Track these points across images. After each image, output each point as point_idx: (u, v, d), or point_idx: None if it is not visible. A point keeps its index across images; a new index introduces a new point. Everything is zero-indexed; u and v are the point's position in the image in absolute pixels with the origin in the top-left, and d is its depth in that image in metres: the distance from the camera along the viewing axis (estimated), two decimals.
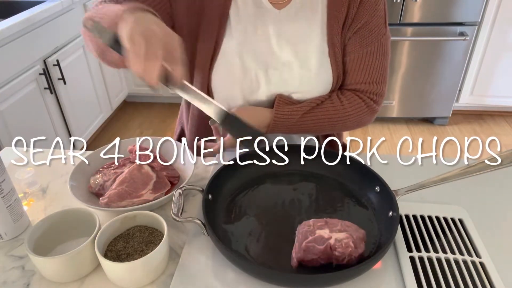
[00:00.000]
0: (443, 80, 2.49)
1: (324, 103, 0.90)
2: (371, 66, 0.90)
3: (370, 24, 0.87)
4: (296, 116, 0.88)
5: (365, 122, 0.95)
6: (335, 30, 0.87)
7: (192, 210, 0.78)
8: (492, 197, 0.80)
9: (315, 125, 0.91)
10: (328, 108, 0.90)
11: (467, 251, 0.66)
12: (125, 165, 0.84)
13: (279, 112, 0.88)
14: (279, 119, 0.88)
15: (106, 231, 0.65)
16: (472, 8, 2.27)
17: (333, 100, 0.91)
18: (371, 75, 0.91)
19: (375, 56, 0.89)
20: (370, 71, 0.90)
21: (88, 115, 2.39)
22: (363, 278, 0.62)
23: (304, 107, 0.89)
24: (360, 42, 0.88)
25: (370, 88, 0.92)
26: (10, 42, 1.72)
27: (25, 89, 1.83)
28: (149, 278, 0.62)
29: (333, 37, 0.87)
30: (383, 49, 0.90)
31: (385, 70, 0.92)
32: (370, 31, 0.87)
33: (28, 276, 0.65)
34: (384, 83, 0.93)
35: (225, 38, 0.87)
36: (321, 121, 0.90)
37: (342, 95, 0.91)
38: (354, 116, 0.92)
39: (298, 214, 0.74)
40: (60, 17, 2.06)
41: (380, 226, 0.70)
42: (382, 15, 0.88)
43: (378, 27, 0.88)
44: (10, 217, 0.70)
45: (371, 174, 0.76)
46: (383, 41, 0.89)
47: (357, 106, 0.91)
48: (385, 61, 0.91)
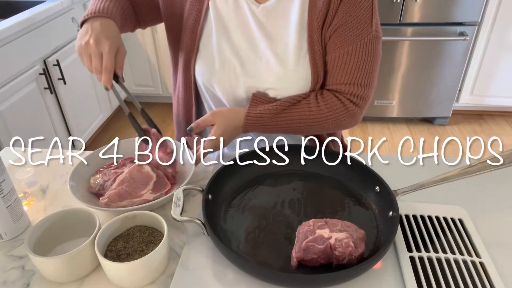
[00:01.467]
0: (443, 80, 2.49)
1: (300, 102, 0.88)
2: (352, 66, 0.85)
3: (352, 23, 0.83)
4: (268, 116, 0.87)
5: (345, 125, 0.91)
6: (315, 27, 0.85)
7: (192, 210, 0.78)
8: (492, 197, 0.80)
9: (290, 125, 0.88)
10: (303, 108, 0.87)
11: (467, 251, 0.66)
12: (125, 165, 0.84)
13: (251, 112, 0.87)
14: (251, 118, 0.87)
15: (106, 231, 0.65)
16: (472, 8, 2.27)
17: (309, 101, 0.88)
18: (353, 76, 0.86)
19: (357, 56, 0.85)
20: (351, 71, 0.86)
21: (88, 115, 2.39)
22: (363, 278, 0.62)
23: (277, 107, 0.87)
24: (342, 41, 0.85)
25: (350, 89, 0.87)
26: (10, 42, 1.72)
27: (25, 89, 1.83)
28: (149, 278, 0.62)
29: (313, 34, 0.85)
30: (368, 49, 0.85)
31: (370, 72, 0.87)
32: (352, 30, 0.84)
33: (28, 276, 0.65)
34: (368, 86, 0.88)
35: (204, 32, 0.90)
36: (296, 122, 0.88)
37: (321, 96, 0.88)
38: (331, 119, 0.88)
39: (298, 214, 0.74)
40: (60, 17, 2.06)
41: (380, 226, 0.70)
42: (368, 14, 0.84)
43: (362, 26, 0.84)
44: (10, 217, 0.70)
45: (371, 174, 0.76)
46: (367, 41, 0.85)
47: (335, 108, 0.87)
48: (370, 63, 0.86)
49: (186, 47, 0.93)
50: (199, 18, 0.90)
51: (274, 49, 0.88)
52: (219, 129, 0.85)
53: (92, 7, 0.86)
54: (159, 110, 2.96)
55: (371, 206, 0.75)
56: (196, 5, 0.89)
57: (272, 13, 0.87)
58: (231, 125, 0.87)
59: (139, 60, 2.71)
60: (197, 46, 0.92)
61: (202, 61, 0.92)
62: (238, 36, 0.89)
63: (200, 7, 0.89)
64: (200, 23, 0.90)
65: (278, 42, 0.88)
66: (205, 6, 0.89)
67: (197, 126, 0.87)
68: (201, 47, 0.92)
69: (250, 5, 0.87)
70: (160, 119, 2.85)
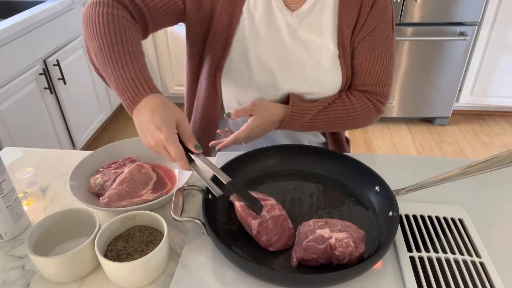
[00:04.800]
0: (443, 80, 2.50)
1: (335, 102, 0.92)
2: (378, 69, 0.92)
3: (379, 29, 0.88)
4: (310, 114, 0.90)
5: (371, 121, 0.98)
6: (346, 34, 0.88)
7: (192, 210, 0.78)
8: (492, 197, 0.80)
9: (325, 123, 0.92)
10: (339, 106, 0.92)
11: (467, 251, 0.66)
12: (125, 165, 0.84)
13: (294, 108, 0.88)
14: (294, 114, 0.88)
15: (106, 231, 0.65)
16: (472, 8, 2.27)
17: (343, 99, 0.92)
18: (378, 78, 0.93)
19: (382, 60, 0.91)
20: (377, 74, 0.93)
21: (88, 115, 2.39)
22: (363, 278, 0.62)
23: (318, 106, 0.90)
24: (369, 46, 0.90)
25: (376, 90, 0.94)
26: (10, 42, 1.72)
27: (25, 89, 1.83)
28: (149, 278, 0.62)
29: (344, 40, 0.88)
30: (390, 53, 0.92)
31: (390, 73, 0.95)
32: (379, 36, 0.89)
33: (28, 276, 0.65)
34: (389, 85, 0.96)
35: (235, 39, 0.87)
36: (332, 119, 0.92)
37: (353, 96, 0.93)
38: (362, 115, 0.94)
39: (298, 214, 0.74)
40: (60, 17, 2.06)
41: (380, 226, 0.70)
42: (390, 20, 0.90)
43: (386, 32, 0.90)
44: (10, 217, 0.70)
45: (371, 174, 0.76)
46: (390, 46, 0.91)
47: (365, 107, 0.94)
48: (391, 65, 0.94)
49: (215, 53, 0.88)
50: (232, 23, 0.86)
51: (308, 55, 0.89)
52: (257, 120, 0.86)
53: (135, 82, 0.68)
54: None
55: (371, 206, 0.75)
56: (229, 10, 0.85)
57: (305, 20, 0.87)
58: (268, 118, 0.88)
59: None
60: (228, 53, 0.88)
61: (234, 69, 0.89)
62: (272, 44, 0.88)
63: (234, 12, 0.85)
64: (233, 28, 0.86)
65: (312, 48, 0.88)
66: (239, 12, 0.85)
67: (236, 114, 0.87)
68: (232, 55, 0.88)
69: (283, 12, 0.86)
70: None
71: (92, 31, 0.73)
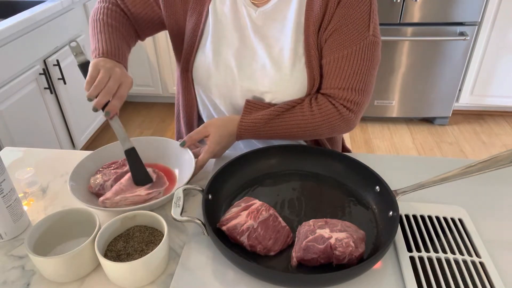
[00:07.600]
0: (443, 80, 2.50)
1: (294, 108, 0.87)
2: (347, 71, 0.84)
3: (348, 26, 0.82)
4: (261, 123, 0.87)
5: (340, 130, 0.89)
6: (311, 31, 0.84)
7: (192, 210, 0.78)
8: (492, 197, 0.80)
9: (284, 132, 0.88)
10: (297, 114, 0.86)
11: (467, 251, 0.66)
12: (125, 165, 0.84)
13: (244, 120, 0.87)
14: (244, 125, 0.87)
15: (106, 231, 0.65)
16: (472, 8, 2.27)
17: (303, 106, 0.87)
18: (348, 81, 0.84)
19: (352, 61, 0.83)
20: (344, 76, 0.84)
21: (88, 115, 2.39)
22: (363, 278, 0.62)
23: (271, 113, 0.86)
24: (337, 45, 0.83)
25: (344, 94, 0.85)
26: (10, 42, 1.72)
27: (25, 89, 1.83)
28: (149, 278, 0.62)
29: (309, 38, 0.84)
30: (364, 54, 0.83)
31: (366, 78, 0.85)
32: (347, 34, 0.82)
33: (28, 276, 0.65)
34: (363, 91, 0.85)
35: (203, 35, 0.91)
36: (290, 128, 0.87)
37: (315, 101, 0.87)
38: (325, 124, 0.87)
39: (298, 214, 0.74)
40: (60, 17, 2.06)
41: (380, 226, 0.70)
42: (365, 18, 0.82)
43: (358, 30, 0.82)
44: (10, 217, 0.70)
45: (371, 174, 0.76)
46: (363, 46, 0.83)
47: (328, 113, 0.86)
48: (366, 68, 0.84)
49: (185, 50, 0.93)
50: (199, 21, 0.90)
51: (270, 52, 0.88)
52: (214, 139, 0.86)
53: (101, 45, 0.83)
54: (159, 110, 2.96)
55: (371, 206, 0.75)
56: (197, 8, 0.89)
57: (270, 17, 0.87)
58: (225, 134, 0.87)
59: (139, 60, 2.71)
60: (196, 49, 0.92)
61: (200, 64, 0.92)
62: (235, 40, 0.89)
63: (201, 10, 0.89)
64: (200, 26, 0.90)
65: (274, 46, 0.88)
66: (206, 10, 0.89)
67: (190, 139, 0.86)
68: (199, 51, 0.92)
69: (248, 9, 0.87)
70: (160, 119, 2.86)
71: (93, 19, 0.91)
